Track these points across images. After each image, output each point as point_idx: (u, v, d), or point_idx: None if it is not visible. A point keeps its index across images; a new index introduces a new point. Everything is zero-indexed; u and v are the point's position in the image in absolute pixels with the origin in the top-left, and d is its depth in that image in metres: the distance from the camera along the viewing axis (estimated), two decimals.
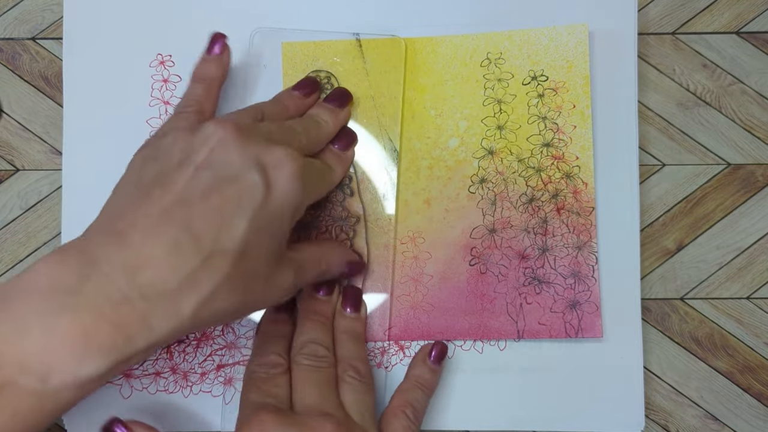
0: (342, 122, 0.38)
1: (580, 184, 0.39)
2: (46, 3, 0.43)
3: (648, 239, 0.41)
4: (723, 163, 0.41)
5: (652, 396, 0.40)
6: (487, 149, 0.39)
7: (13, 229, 0.41)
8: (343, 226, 0.39)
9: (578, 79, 0.39)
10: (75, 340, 0.25)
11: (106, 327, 0.25)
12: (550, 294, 0.38)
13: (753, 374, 0.40)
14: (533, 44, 0.39)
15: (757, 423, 0.40)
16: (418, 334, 0.39)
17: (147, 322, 0.26)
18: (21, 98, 0.42)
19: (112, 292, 0.26)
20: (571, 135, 0.39)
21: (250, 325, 0.39)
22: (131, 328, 0.26)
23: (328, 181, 0.36)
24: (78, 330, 0.25)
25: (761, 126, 0.41)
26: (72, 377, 0.25)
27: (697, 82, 0.41)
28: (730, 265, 0.41)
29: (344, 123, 0.38)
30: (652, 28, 0.42)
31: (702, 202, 0.41)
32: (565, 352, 0.38)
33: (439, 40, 0.40)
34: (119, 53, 0.40)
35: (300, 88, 0.38)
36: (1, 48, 0.42)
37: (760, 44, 0.41)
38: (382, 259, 0.39)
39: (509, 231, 0.39)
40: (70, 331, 0.25)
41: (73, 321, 0.25)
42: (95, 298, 0.25)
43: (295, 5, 0.41)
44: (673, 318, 0.40)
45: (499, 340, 0.39)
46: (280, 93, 0.38)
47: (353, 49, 0.40)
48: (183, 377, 0.39)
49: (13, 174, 0.42)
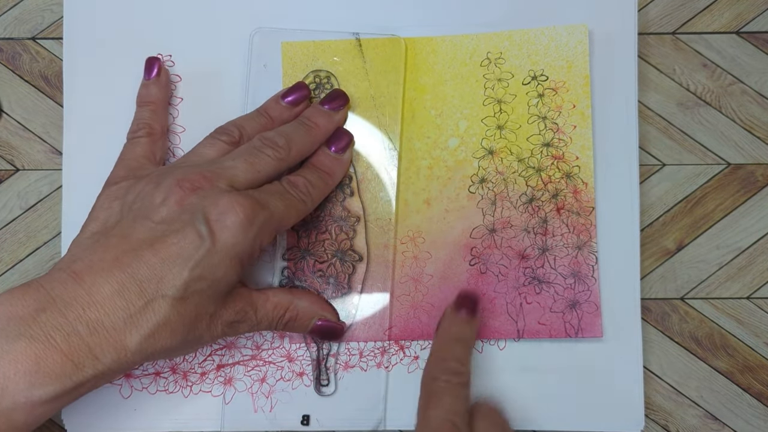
0: (336, 125, 0.38)
1: (580, 183, 0.39)
2: (46, 3, 0.43)
3: (648, 239, 0.41)
4: (723, 163, 0.41)
5: (652, 396, 0.40)
6: (487, 149, 0.39)
7: (13, 229, 0.41)
8: (343, 226, 0.39)
9: (578, 79, 0.39)
10: (27, 364, 0.28)
11: (56, 355, 0.28)
12: (549, 294, 0.38)
13: (753, 374, 0.40)
14: (533, 44, 0.39)
15: (757, 423, 0.40)
16: (418, 334, 0.39)
17: (94, 352, 0.29)
18: (21, 98, 0.42)
19: (63, 324, 0.29)
20: (571, 135, 0.39)
21: None
22: (79, 358, 0.29)
23: (299, 209, 0.35)
24: (31, 355, 0.28)
25: (761, 126, 0.41)
26: (24, 398, 0.28)
27: (697, 82, 0.41)
28: (730, 265, 0.41)
29: (339, 125, 0.38)
30: (652, 28, 0.42)
31: (702, 202, 0.41)
32: (565, 352, 0.38)
33: (439, 40, 0.40)
34: (119, 53, 0.40)
35: (289, 95, 0.38)
36: (1, 48, 0.42)
37: (760, 44, 0.41)
38: (382, 259, 0.39)
39: (509, 231, 0.39)
40: (24, 355, 0.28)
41: (27, 347, 0.28)
42: (48, 329, 0.29)
43: (295, 5, 0.41)
44: (673, 318, 0.40)
45: (499, 340, 0.39)
46: (268, 101, 0.38)
47: (353, 49, 0.40)
48: (183, 377, 0.39)
49: (13, 174, 0.42)
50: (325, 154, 0.37)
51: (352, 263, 0.39)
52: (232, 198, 0.32)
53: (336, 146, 0.37)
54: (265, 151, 0.34)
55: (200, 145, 0.36)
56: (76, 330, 0.29)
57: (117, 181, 0.35)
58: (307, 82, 0.40)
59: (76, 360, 0.29)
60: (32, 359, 0.28)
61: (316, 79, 0.40)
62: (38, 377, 0.28)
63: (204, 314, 0.32)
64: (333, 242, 0.39)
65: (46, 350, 0.28)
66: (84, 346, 0.29)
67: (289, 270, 0.39)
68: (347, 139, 0.38)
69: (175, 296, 0.30)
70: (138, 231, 0.31)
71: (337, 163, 0.37)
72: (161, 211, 0.32)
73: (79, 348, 0.29)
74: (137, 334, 0.30)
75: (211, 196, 0.32)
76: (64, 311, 0.29)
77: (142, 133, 0.37)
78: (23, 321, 0.28)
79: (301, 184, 0.35)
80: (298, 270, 0.39)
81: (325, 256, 0.39)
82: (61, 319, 0.29)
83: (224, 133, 0.36)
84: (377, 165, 0.39)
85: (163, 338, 0.31)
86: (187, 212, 0.31)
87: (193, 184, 0.32)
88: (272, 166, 0.34)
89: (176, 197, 0.32)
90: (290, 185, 0.35)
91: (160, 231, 0.31)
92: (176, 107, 0.40)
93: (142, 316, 0.30)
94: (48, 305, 0.29)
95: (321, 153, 0.37)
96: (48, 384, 0.28)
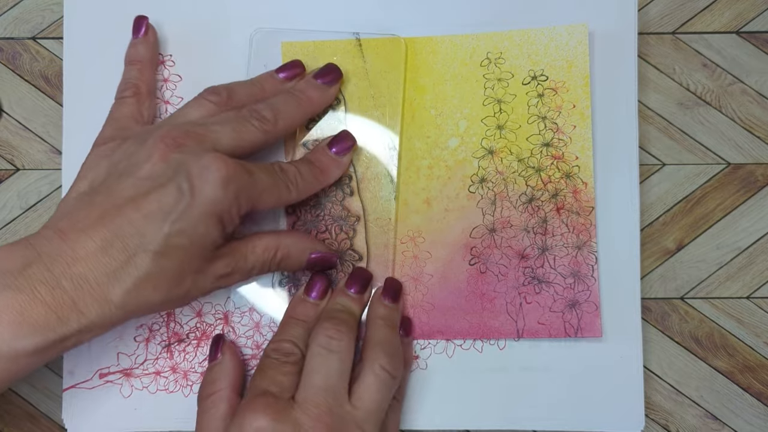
0: (328, 101, 0.38)
1: (580, 183, 0.39)
2: (46, 3, 0.43)
3: (648, 239, 0.41)
4: (723, 162, 0.41)
5: (652, 396, 0.40)
6: (487, 149, 0.39)
7: (13, 228, 0.41)
8: (343, 226, 0.39)
9: (578, 79, 0.39)
10: (12, 315, 0.29)
11: (41, 307, 0.29)
12: (549, 293, 0.38)
13: (753, 374, 0.40)
14: (533, 44, 0.39)
15: (757, 423, 0.40)
16: (418, 334, 0.39)
17: (78, 306, 0.30)
18: (21, 98, 0.42)
19: (48, 278, 0.30)
20: (570, 135, 0.39)
21: (249, 324, 0.39)
22: (63, 311, 0.29)
23: (282, 193, 0.35)
24: (16, 306, 0.29)
25: (761, 126, 0.41)
26: (7, 348, 0.28)
27: (697, 81, 0.41)
28: (730, 265, 0.41)
29: (330, 102, 0.38)
30: (652, 27, 0.42)
31: (702, 201, 0.41)
32: (564, 352, 0.38)
33: (439, 40, 0.40)
34: (119, 53, 0.40)
35: (285, 70, 0.38)
36: (1, 48, 0.42)
37: (760, 44, 0.41)
38: (382, 258, 0.39)
39: (509, 231, 0.39)
40: (8, 306, 0.29)
41: (12, 298, 0.29)
42: (33, 282, 0.29)
43: (295, 5, 0.41)
44: (673, 317, 0.40)
45: (499, 340, 0.39)
46: (263, 74, 0.38)
47: (353, 49, 0.40)
48: (183, 376, 0.39)
49: (13, 174, 0.42)
50: (324, 152, 0.37)
51: (352, 263, 0.39)
52: (215, 156, 0.32)
53: (337, 148, 0.37)
54: (251, 122, 0.35)
55: (187, 105, 0.36)
56: (60, 284, 0.30)
57: (104, 142, 0.36)
58: None
59: (60, 313, 0.29)
60: (17, 310, 0.29)
61: None
62: (22, 328, 0.29)
63: (188, 271, 0.32)
64: (333, 242, 0.39)
65: (31, 302, 0.29)
66: (68, 300, 0.30)
67: None
68: (349, 143, 0.38)
69: (157, 251, 0.31)
70: (122, 188, 0.32)
71: (334, 163, 0.37)
72: (145, 167, 0.32)
73: (63, 301, 0.29)
74: (120, 288, 0.30)
75: (195, 153, 0.32)
76: (49, 266, 0.30)
77: (128, 93, 0.38)
78: (9, 274, 0.29)
79: (291, 171, 0.35)
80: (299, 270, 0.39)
81: None
82: (46, 273, 0.29)
83: (213, 93, 0.36)
84: (377, 164, 0.39)
85: (146, 293, 0.31)
86: (170, 168, 0.32)
87: (177, 141, 0.33)
88: (257, 137, 0.35)
89: (160, 153, 0.32)
90: (279, 168, 0.35)
91: (143, 187, 0.31)
92: (177, 107, 0.40)
93: (125, 271, 0.30)
94: (34, 260, 0.30)
95: (320, 150, 0.37)
96: (32, 335, 0.29)
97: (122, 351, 0.39)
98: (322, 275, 0.38)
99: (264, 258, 0.35)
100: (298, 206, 0.39)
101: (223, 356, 0.37)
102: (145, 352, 0.39)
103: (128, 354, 0.39)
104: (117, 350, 0.39)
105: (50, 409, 0.40)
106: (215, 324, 0.39)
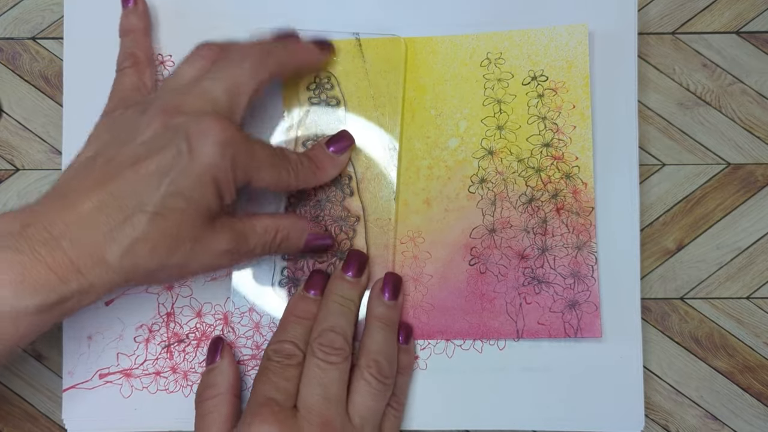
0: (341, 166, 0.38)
1: (580, 184, 0.39)
2: (46, 3, 0.43)
3: (648, 239, 0.41)
4: (723, 162, 0.41)
5: (652, 396, 0.40)
6: (486, 149, 0.39)
7: None
8: (343, 226, 0.39)
9: (578, 79, 0.39)
10: (13, 274, 0.29)
11: (41, 267, 0.29)
12: (549, 294, 0.38)
13: (753, 374, 0.40)
14: (533, 44, 0.39)
15: (757, 423, 0.40)
16: (418, 334, 0.39)
17: (77, 266, 0.30)
18: (21, 98, 0.42)
19: (48, 239, 0.30)
20: (570, 135, 0.39)
21: (249, 325, 0.39)
22: (63, 271, 0.30)
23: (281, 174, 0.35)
24: (17, 266, 0.29)
25: (761, 126, 0.41)
26: (9, 307, 0.29)
27: (697, 81, 0.41)
28: (730, 265, 0.41)
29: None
30: (652, 27, 0.42)
31: (702, 201, 0.41)
32: (564, 352, 0.38)
33: (439, 40, 0.40)
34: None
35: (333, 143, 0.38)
36: (1, 48, 0.42)
37: (760, 44, 0.41)
38: (382, 259, 0.39)
39: (509, 231, 0.39)
40: (9, 266, 0.29)
41: (13, 257, 0.29)
42: (33, 243, 0.29)
43: (294, 5, 0.41)
44: (673, 318, 0.40)
45: (499, 340, 0.39)
46: None
47: (353, 49, 0.40)
48: (183, 377, 0.39)
49: (13, 174, 0.42)
50: (322, 149, 0.38)
51: None
52: (215, 119, 0.32)
53: (335, 147, 0.38)
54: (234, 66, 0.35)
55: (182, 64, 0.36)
56: (59, 245, 0.30)
57: (109, 112, 0.37)
58: (307, 82, 0.40)
59: (60, 273, 0.30)
60: (18, 270, 0.29)
61: (316, 79, 0.40)
62: (23, 287, 0.29)
63: (186, 237, 0.32)
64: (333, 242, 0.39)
65: (32, 262, 0.29)
66: (67, 260, 0.30)
67: (289, 270, 0.39)
68: (347, 142, 0.38)
69: (154, 211, 0.31)
70: (122, 153, 0.32)
71: (331, 161, 0.37)
72: (146, 133, 0.32)
73: (62, 262, 0.30)
74: (117, 248, 0.30)
75: (196, 116, 0.32)
76: (48, 228, 0.30)
77: (127, 63, 0.38)
78: (10, 235, 0.29)
79: (293, 157, 0.36)
80: (298, 269, 0.39)
81: (324, 255, 0.39)
82: (45, 234, 0.30)
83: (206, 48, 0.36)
84: (377, 165, 0.39)
85: (142, 254, 0.31)
86: (170, 131, 0.32)
87: (178, 108, 0.33)
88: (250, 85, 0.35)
89: (161, 120, 0.33)
90: (281, 150, 0.36)
91: (143, 151, 0.32)
92: None
93: (122, 231, 0.31)
94: (33, 222, 0.30)
95: (318, 148, 0.38)
96: (33, 295, 0.29)
97: (122, 351, 0.39)
98: (322, 272, 0.38)
99: (265, 239, 0.35)
100: (298, 206, 0.39)
101: (222, 360, 0.37)
102: (145, 353, 0.39)
103: (128, 354, 0.39)
104: (117, 350, 0.39)
105: (50, 409, 0.40)
106: (215, 324, 0.39)
